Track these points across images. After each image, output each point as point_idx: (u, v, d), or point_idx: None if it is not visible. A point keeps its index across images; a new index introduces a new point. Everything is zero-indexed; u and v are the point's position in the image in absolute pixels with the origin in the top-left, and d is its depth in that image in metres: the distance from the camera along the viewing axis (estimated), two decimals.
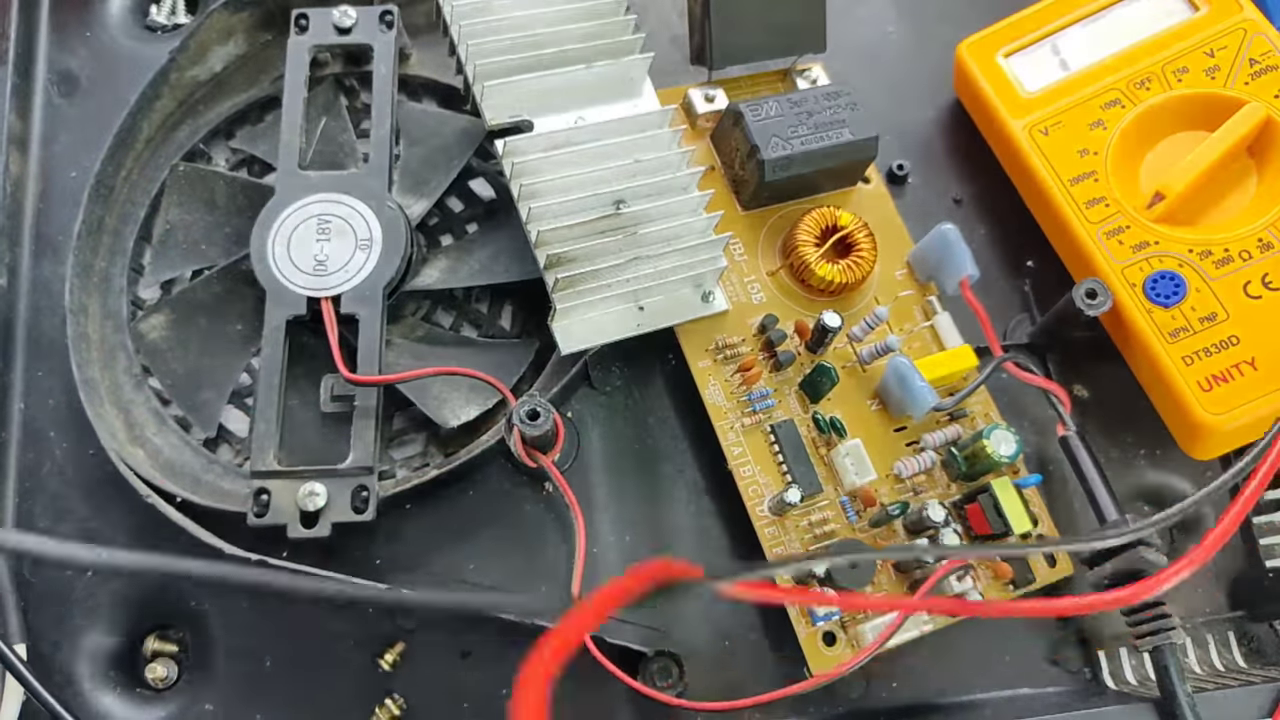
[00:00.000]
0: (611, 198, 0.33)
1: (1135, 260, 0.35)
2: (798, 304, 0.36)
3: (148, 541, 0.34)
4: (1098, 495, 0.33)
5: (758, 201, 0.37)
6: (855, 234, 0.36)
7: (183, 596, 0.34)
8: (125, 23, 0.42)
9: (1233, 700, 0.32)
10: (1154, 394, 0.36)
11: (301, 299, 0.34)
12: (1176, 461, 0.37)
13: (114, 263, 0.38)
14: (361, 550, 0.34)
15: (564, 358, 0.34)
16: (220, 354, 0.36)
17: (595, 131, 0.34)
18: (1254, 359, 0.33)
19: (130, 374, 0.36)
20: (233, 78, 0.40)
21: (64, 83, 0.40)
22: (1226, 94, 0.36)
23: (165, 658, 0.34)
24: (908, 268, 0.37)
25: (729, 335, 0.35)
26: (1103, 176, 0.36)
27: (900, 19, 0.44)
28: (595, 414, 0.36)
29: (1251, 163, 0.36)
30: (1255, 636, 0.36)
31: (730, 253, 0.36)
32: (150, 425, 0.36)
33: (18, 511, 0.35)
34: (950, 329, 0.36)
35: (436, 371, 0.34)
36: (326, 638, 0.34)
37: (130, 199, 0.38)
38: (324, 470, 0.32)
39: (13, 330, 0.37)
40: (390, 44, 0.38)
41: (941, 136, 0.42)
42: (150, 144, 0.39)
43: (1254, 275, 0.34)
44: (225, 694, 0.33)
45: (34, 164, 0.39)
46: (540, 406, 0.31)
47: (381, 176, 0.36)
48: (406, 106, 0.39)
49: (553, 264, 0.32)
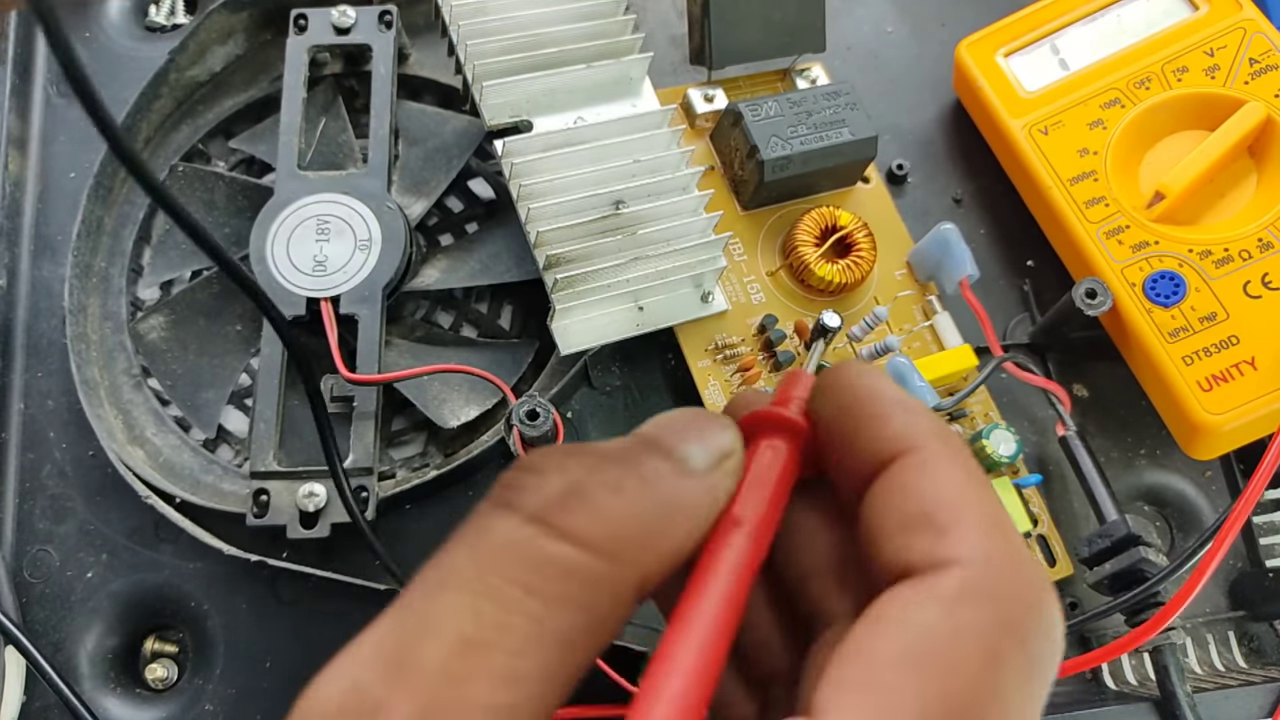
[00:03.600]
0: (611, 198, 0.33)
1: (1135, 260, 0.35)
2: (797, 304, 0.36)
3: (148, 542, 0.34)
4: (1097, 495, 0.33)
5: (757, 201, 0.37)
6: (855, 234, 0.36)
7: (183, 597, 0.34)
8: (125, 23, 0.42)
9: (1233, 700, 0.32)
10: (1154, 394, 0.36)
11: (301, 299, 0.34)
12: (1176, 461, 0.37)
13: (113, 263, 0.38)
14: (361, 551, 0.34)
15: (564, 358, 0.34)
16: (220, 354, 0.36)
17: (595, 132, 0.34)
18: (1254, 359, 0.33)
19: (130, 374, 0.36)
20: (232, 78, 0.40)
21: (63, 83, 0.40)
22: (1226, 93, 0.36)
23: (165, 658, 0.34)
24: (907, 268, 0.37)
25: (728, 335, 0.35)
26: (1102, 176, 0.36)
27: (900, 19, 0.44)
28: (595, 414, 0.36)
29: (1251, 162, 0.36)
30: (1255, 636, 0.36)
31: (730, 253, 0.36)
32: (150, 426, 0.36)
33: (18, 512, 0.35)
34: (950, 329, 0.36)
35: (437, 369, 0.34)
36: (327, 639, 0.34)
37: (129, 199, 0.38)
38: (324, 471, 0.32)
39: (12, 331, 0.37)
40: (389, 44, 0.38)
41: (941, 136, 0.42)
42: (149, 144, 0.39)
43: (1254, 275, 0.34)
44: (225, 694, 0.33)
45: (33, 164, 0.39)
46: (540, 406, 0.31)
47: (381, 177, 0.36)
48: (406, 106, 0.39)
49: (552, 264, 0.32)
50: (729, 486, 0.17)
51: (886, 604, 0.14)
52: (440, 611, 0.14)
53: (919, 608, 0.14)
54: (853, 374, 0.17)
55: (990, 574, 0.14)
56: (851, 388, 0.17)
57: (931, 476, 0.15)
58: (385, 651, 0.14)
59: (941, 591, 0.14)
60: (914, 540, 0.15)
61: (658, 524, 0.15)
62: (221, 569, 0.34)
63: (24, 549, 0.34)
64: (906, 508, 0.15)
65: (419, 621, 0.14)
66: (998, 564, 0.14)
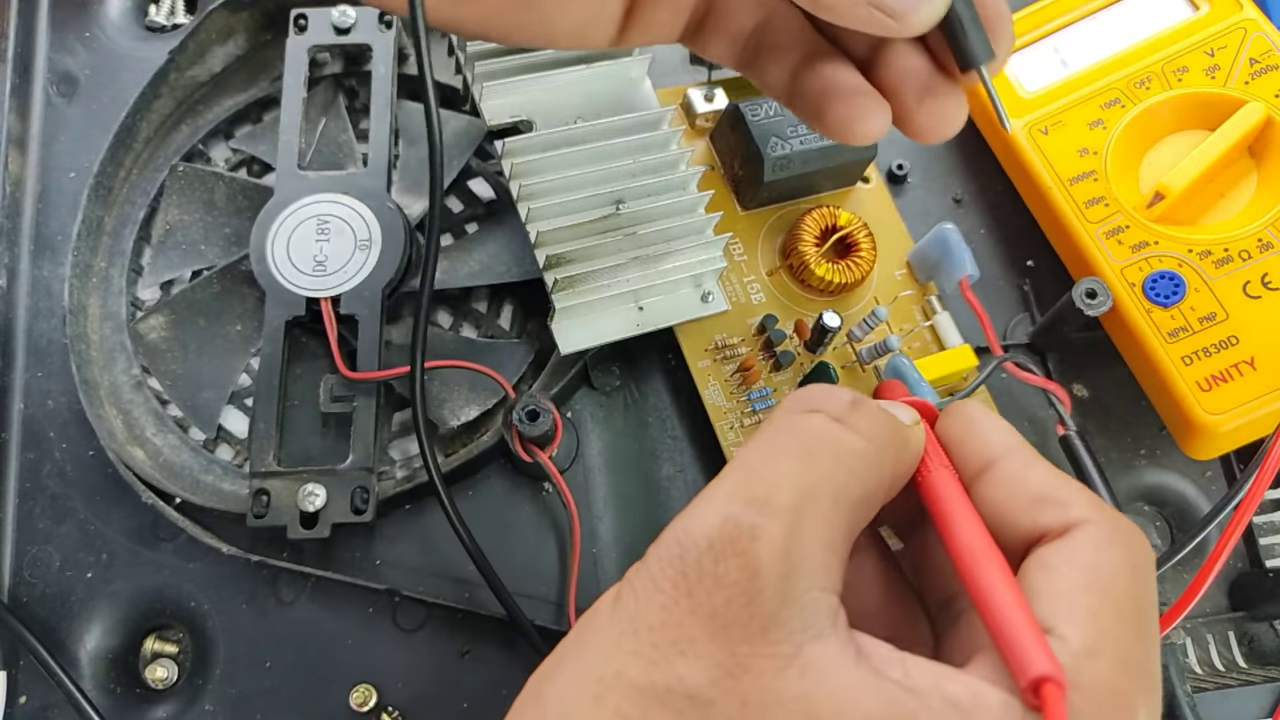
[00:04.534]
0: (611, 198, 0.33)
1: (1135, 260, 0.35)
2: (797, 304, 0.36)
3: (147, 542, 0.35)
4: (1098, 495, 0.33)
5: (757, 201, 0.37)
6: (855, 234, 0.36)
7: (183, 597, 0.34)
8: (125, 23, 0.42)
9: (1233, 700, 0.32)
10: (1153, 394, 0.36)
11: (301, 299, 0.34)
12: (1176, 461, 0.37)
13: (113, 263, 0.38)
14: (361, 551, 0.34)
15: (564, 358, 0.34)
16: (220, 354, 0.36)
17: (595, 131, 0.34)
18: (1253, 359, 0.33)
19: (129, 374, 0.36)
20: (232, 78, 0.40)
21: (63, 83, 0.40)
22: (1226, 93, 0.36)
23: (165, 658, 0.34)
24: (907, 267, 0.37)
25: (728, 335, 0.35)
26: (1102, 176, 0.36)
27: None
28: (595, 414, 0.36)
29: (1251, 162, 0.36)
30: (1255, 636, 0.36)
31: (730, 253, 0.36)
32: (150, 426, 0.36)
33: (18, 512, 0.35)
34: (950, 328, 0.36)
35: (439, 364, 0.34)
36: (327, 639, 0.34)
37: (129, 199, 0.38)
38: (324, 471, 0.32)
39: (12, 331, 0.37)
40: (389, 44, 0.38)
41: None
42: (149, 144, 0.39)
43: (1253, 275, 0.34)
44: (225, 694, 0.33)
45: (33, 164, 0.39)
46: (540, 407, 0.31)
47: (381, 177, 0.36)
48: (406, 106, 0.39)
49: (552, 264, 0.32)
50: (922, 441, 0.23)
51: (1050, 555, 0.20)
52: (781, 472, 0.20)
53: (1078, 552, 0.20)
54: (972, 416, 0.24)
55: (1111, 526, 0.20)
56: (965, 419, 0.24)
57: (1035, 469, 0.22)
58: (747, 497, 0.19)
59: (1090, 540, 0.20)
60: (1044, 513, 0.21)
61: (900, 439, 0.22)
62: (221, 569, 0.34)
63: (24, 549, 0.34)
64: (1029, 491, 0.21)
65: (767, 480, 0.19)
66: (1111, 520, 0.20)
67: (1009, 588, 0.19)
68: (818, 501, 0.19)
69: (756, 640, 0.18)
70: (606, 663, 0.19)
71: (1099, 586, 0.19)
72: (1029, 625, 0.19)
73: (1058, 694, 0.18)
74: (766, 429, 0.21)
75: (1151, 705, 0.19)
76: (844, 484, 0.20)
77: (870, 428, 0.21)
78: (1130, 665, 0.19)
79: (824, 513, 0.19)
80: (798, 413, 0.21)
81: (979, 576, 0.20)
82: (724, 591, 0.18)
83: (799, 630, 0.18)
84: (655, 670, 0.18)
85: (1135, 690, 0.18)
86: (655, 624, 0.19)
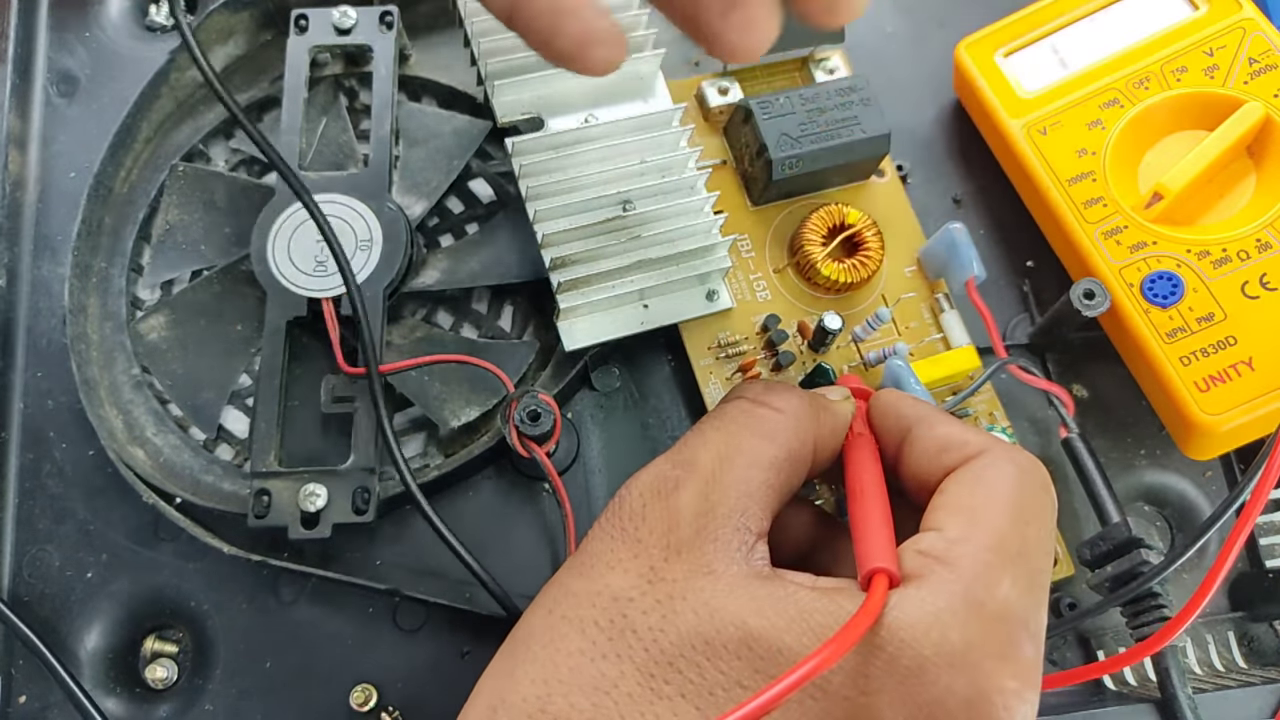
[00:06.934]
0: (619, 198, 0.33)
1: (1133, 260, 0.35)
2: (803, 302, 0.36)
3: (147, 542, 0.34)
4: (1100, 497, 0.33)
5: (767, 198, 0.37)
6: (863, 232, 0.36)
7: (183, 597, 0.34)
8: (125, 23, 0.42)
9: (1233, 701, 0.32)
10: (1151, 394, 0.36)
11: (302, 300, 0.34)
12: (1176, 461, 0.37)
13: (113, 263, 0.38)
14: (362, 551, 0.34)
15: (564, 359, 0.34)
16: (220, 355, 0.36)
17: (603, 131, 0.34)
18: (1251, 359, 0.33)
19: (130, 374, 0.36)
20: (232, 78, 0.40)
21: (64, 83, 0.40)
22: (1225, 93, 0.36)
23: (165, 658, 0.34)
24: (918, 264, 0.37)
25: (732, 333, 0.35)
26: (1101, 176, 0.36)
27: (900, 19, 0.44)
28: (595, 414, 0.36)
29: (1250, 162, 0.36)
30: (1255, 636, 0.36)
31: (738, 249, 0.36)
32: (150, 426, 0.36)
33: (18, 512, 0.35)
34: (957, 327, 0.36)
35: (440, 359, 0.34)
36: (327, 639, 0.34)
37: (129, 199, 0.38)
38: (325, 471, 0.32)
39: (12, 331, 0.37)
40: (390, 44, 0.38)
41: (941, 136, 0.42)
42: (149, 144, 0.39)
43: (1252, 275, 0.34)
44: (225, 694, 0.33)
45: (33, 164, 0.39)
46: (541, 407, 0.31)
47: (381, 177, 0.36)
48: (406, 107, 0.39)
49: (558, 265, 0.32)
50: (849, 412, 0.28)
51: (952, 481, 0.25)
52: (708, 442, 0.25)
53: (967, 472, 0.24)
54: (894, 396, 0.29)
55: (1001, 450, 0.25)
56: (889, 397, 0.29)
57: (941, 426, 0.26)
58: (676, 460, 0.25)
59: (980, 463, 0.25)
60: (949, 455, 0.25)
61: (821, 409, 0.27)
62: (221, 569, 0.34)
63: (24, 549, 0.34)
64: (937, 444, 0.26)
65: (694, 448, 0.26)
66: (1002, 446, 0.25)
67: (873, 510, 0.24)
68: (734, 460, 0.25)
69: (672, 560, 0.23)
70: (558, 587, 0.25)
71: (981, 491, 0.24)
72: (879, 535, 0.23)
73: (882, 578, 0.22)
74: (703, 417, 0.27)
75: (1018, 574, 0.22)
76: (758, 447, 0.25)
77: (783, 403, 0.26)
78: (1002, 547, 0.22)
79: (740, 470, 0.24)
80: (724, 401, 0.28)
81: (854, 508, 0.25)
82: (648, 525, 0.24)
83: (712, 555, 0.23)
84: (590, 582, 0.24)
85: (1002, 564, 0.22)
86: (595, 552, 0.25)
